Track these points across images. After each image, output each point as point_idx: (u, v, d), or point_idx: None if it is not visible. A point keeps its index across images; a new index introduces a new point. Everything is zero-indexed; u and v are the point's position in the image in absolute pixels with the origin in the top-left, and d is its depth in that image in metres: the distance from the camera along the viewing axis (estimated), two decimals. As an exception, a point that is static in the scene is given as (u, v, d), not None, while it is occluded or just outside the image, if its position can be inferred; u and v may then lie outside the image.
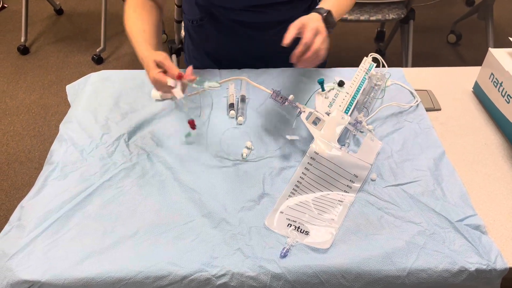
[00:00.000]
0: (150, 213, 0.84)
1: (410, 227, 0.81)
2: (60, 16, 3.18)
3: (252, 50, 0.94)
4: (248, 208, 0.85)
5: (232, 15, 1.09)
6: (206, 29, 1.19)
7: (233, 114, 1.06)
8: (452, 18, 2.95)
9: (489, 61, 1.09)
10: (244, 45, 0.94)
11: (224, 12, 1.12)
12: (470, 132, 1.04)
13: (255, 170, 0.92)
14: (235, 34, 1.13)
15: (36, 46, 2.85)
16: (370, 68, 1.07)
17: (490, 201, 0.88)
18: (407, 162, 0.94)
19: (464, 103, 1.13)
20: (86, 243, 0.78)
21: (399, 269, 0.75)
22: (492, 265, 0.76)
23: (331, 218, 0.84)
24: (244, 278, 0.74)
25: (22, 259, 0.75)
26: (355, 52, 2.76)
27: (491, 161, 0.97)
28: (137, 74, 1.19)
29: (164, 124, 1.03)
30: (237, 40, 0.96)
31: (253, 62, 1.19)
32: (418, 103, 1.09)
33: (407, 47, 2.37)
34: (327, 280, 0.75)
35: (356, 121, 0.96)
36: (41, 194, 0.86)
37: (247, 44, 0.99)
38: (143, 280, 0.74)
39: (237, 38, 1.00)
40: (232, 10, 1.11)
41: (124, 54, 2.79)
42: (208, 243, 0.78)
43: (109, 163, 0.93)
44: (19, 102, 2.40)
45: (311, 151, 0.89)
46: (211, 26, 1.17)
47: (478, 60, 2.64)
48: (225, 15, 1.07)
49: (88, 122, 1.03)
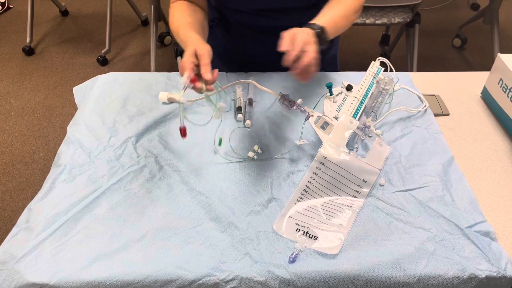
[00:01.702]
0: (158, 216, 0.83)
1: (420, 233, 0.81)
2: (65, 17, 3.18)
3: (261, 54, 0.94)
4: (256, 212, 0.85)
5: (243, 18, 1.09)
6: (216, 30, 1.19)
7: (241, 117, 1.05)
8: (457, 22, 2.94)
9: (498, 66, 1.08)
10: (253, 49, 0.95)
11: (235, 14, 1.13)
12: (479, 137, 1.04)
13: (263, 174, 0.92)
14: (245, 37, 1.13)
15: (41, 47, 2.86)
16: (378, 73, 1.07)
17: (499, 207, 0.88)
18: (415, 167, 0.94)
19: (472, 108, 1.13)
20: (94, 246, 0.78)
21: (409, 276, 0.75)
22: (503, 272, 0.75)
23: (339, 223, 0.83)
24: (253, 283, 0.74)
25: (30, 262, 0.75)
26: (360, 56, 2.76)
27: (500, 167, 0.96)
28: (144, 76, 1.19)
29: (172, 127, 1.03)
30: (246, 43, 0.97)
31: (261, 66, 1.19)
32: (426, 108, 1.09)
33: (413, 51, 2.37)
34: (336, 286, 0.75)
35: (365, 125, 0.96)
36: (49, 197, 0.86)
37: (256, 48, 0.99)
38: (151, 284, 0.73)
39: (246, 42, 1.00)
40: (243, 13, 1.11)
41: (129, 55, 2.79)
42: (216, 247, 0.78)
43: (116, 166, 0.93)
44: (24, 103, 2.40)
45: (320, 156, 0.89)
46: (221, 28, 1.18)
47: (483, 64, 2.66)
48: (236, 18, 1.08)
49: (95, 124, 1.03)
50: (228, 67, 1.20)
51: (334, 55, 1.34)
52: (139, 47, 2.87)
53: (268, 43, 1.16)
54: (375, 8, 2.16)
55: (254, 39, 1.16)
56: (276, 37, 0.92)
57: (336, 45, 1.26)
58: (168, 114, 1.06)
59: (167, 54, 2.79)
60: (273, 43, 1.16)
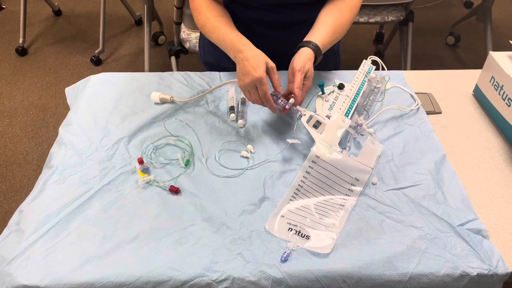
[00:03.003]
0: (150, 217, 0.83)
1: (412, 231, 0.81)
2: (59, 17, 3.17)
3: (268, 49, 0.96)
4: (249, 212, 0.85)
5: (251, 13, 1.10)
6: None
7: (233, 117, 1.05)
8: (450, 20, 2.95)
9: (490, 64, 1.09)
10: (260, 44, 0.95)
11: (243, 9, 1.13)
12: (471, 135, 1.04)
13: (255, 173, 0.92)
14: (252, 32, 1.13)
15: (35, 47, 2.84)
16: (369, 71, 1.07)
17: (491, 205, 0.88)
18: (408, 165, 0.94)
19: (464, 106, 1.13)
20: (85, 248, 0.77)
21: (401, 274, 0.75)
22: (494, 269, 0.75)
23: (332, 223, 0.83)
24: (245, 283, 0.74)
25: (21, 264, 0.74)
26: (354, 54, 2.76)
27: (492, 165, 0.97)
28: (137, 76, 1.19)
29: (164, 128, 1.02)
30: (253, 38, 0.97)
31: None
32: (418, 106, 1.09)
33: (406, 49, 2.37)
34: (328, 285, 0.75)
35: (357, 124, 0.96)
36: (40, 198, 0.86)
37: (263, 43, 1.00)
38: (143, 285, 0.73)
39: (253, 37, 1.00)
40: (251, 8, 1.12)
41: (123, 55, 2.78)
42: (208, 248, 0.78)
43: (108, 167, 0.92)
44: (18, 104, 2.39)
45: (312, 155, 0.89)
46: None
47: (476, 62, 2.67)
48: (244, 13, 1.08)
49: (87, 125, 1.03)
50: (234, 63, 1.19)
51: (337, 50, 1.34)
52: (133, 46, 2.86)
53: (274, 37, 1.17)
54: (369, 6, 2.16)
55: (261, 34, 1.16)
56: (281, 31, 0.95)
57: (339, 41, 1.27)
58: (161, 114, 1.06)
59: (161, 54, 2.78)
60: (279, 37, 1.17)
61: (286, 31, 1.16)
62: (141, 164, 0.91)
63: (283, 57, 1.09)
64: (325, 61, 1.27)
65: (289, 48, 1.01)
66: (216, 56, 1.28)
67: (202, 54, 1.37)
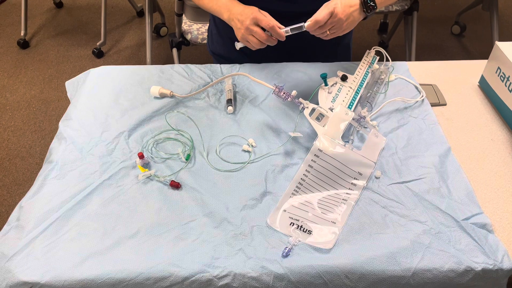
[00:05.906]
0: (151, 212, 0.82)
1: (415, 226, 0.80)
2: (60, 9, 3.15)
3: (281, 42, 0.95)
4: (250, 207, 0.84)
5: (261, 3, 1.07)
6: None
7: (231, 110, 1.04)
8: (456, 9, 2.90)
9: (496, 54, 1.06)
10: None
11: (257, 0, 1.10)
12: (476, 127, 1.02)
13: (257, 168, 0.91)
14: None
15: (36, 40, 2.83)
16: (373, 62, 1.05)
17: (496, 199, 0.86)
18: (412, 159, 0.92)
19: (470, 98, 1.11)
20: (86, 244, 0.77)
21: (404, 269, 0.74)
22: (499, 264, 0.74)
23: (334, 218, 0.82)
24: (247, 279, 0.73)
25: (21, 260, 0.74)
26: (358, 44, 2.71)
27: (498, 158, 0.95)
28: (136, 70, 1.17)
29: (165, 122, 1.01)
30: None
31: (276, 53, 1.17)
32: (423, 98, 1.07)
33: (411, 38, 2.34)
34: (330, 280, 0.74)
35: (360, 116, 0.95)
36: (40, 194, 0.85)
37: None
38: (143, 281, 0.73)
39: None
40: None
41: (125, 47, 2.76)
42: (209, 244, 0.77)
43: (109, 162, 0.91)
44: (20, 97, 2.38)
45: (315, 148, 0.88)
46: None
47: (482, 51, 2.63)
48: (253, 3, 1.06)
49: (87, 119, 1.02)
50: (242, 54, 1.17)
51: (348, 43, 1.32)
52: (134, 38, 2.84)
53: None
54: (373, -4, 2.12)
55: None
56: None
57: (350, 33, 1.24)
58: (161, 108, 1.05)
59: (163, 46, 2.76)
60: None
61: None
62: (142, 158, 0.90)
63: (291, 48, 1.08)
64: (335, 55, 1.24)
65: (297, 40, 0.99)
66: (224, 47, 1.27)
67: (210, 43, 1.36)
